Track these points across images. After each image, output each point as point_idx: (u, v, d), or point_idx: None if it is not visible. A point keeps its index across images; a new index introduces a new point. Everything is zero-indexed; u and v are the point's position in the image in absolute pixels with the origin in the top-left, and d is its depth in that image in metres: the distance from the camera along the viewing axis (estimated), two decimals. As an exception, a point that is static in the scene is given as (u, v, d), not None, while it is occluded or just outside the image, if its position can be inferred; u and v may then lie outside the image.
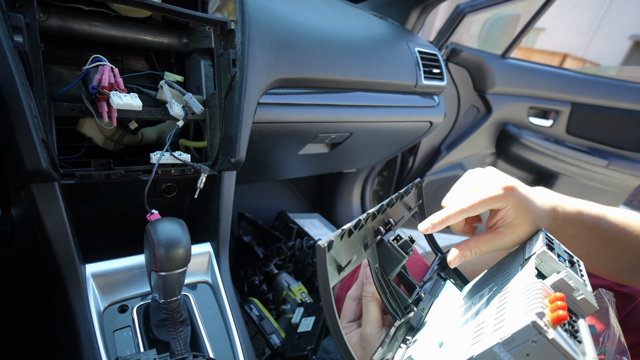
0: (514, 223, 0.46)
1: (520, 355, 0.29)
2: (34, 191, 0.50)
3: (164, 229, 0.49)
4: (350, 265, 0.39)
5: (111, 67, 0.56)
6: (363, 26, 1.07)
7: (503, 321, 0.33)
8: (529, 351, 0.29)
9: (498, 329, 0.32)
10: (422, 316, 0.46)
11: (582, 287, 0.36)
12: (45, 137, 0.49)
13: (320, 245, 0.33)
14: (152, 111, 0.62)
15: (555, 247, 0.42)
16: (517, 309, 0.32)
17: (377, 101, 1.05)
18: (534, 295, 0.32)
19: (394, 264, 0.45)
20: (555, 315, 0.29)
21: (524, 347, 0.29)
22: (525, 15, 1.62)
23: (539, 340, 0.28)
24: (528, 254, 0.42)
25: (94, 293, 0.57)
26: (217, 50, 0.68)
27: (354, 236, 0.40)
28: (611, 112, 1.72)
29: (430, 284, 0.54)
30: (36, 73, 0.50)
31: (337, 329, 0.34)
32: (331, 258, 0.35)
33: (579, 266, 0.41)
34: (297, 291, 1.16)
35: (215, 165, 0.70)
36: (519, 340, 0.29)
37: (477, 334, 0.35)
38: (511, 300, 0.35)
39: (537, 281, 0.35)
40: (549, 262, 0.39)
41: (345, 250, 0.38)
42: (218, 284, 0.67)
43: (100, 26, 0.62)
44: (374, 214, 0.44)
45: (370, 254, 0.44)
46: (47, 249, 0.53)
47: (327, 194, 1.81)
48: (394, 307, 0.45)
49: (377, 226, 0.46)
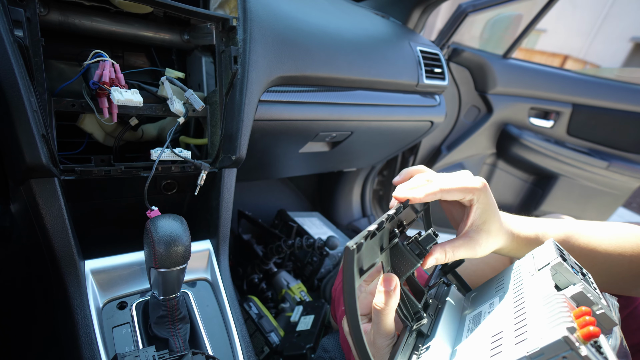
0: (483, 229, 0.48)
1: None
2: (34, 186, 0.50)
3: (164, 226, 0.49)
4: (371, 268, 0.38)
5: (112, 62, 0.55)
6: (365, 25, 1.07)
7: (526, 333, 0.32)
8: None
9: (521, 341, 0.31)
10: (432, 322, 0.45)
11: (599, 300, 0.35)
12: (45, 132, 0.49)
13: (349, 247, 0.32)
14: (153, 107, 0.62)
15: (567, 257, 0.41)
16: (542, 322, 0.32)
17: (378, 100, 1.05)
18: (559, 309, 0.31)
19: (406, 269, 0.44)
20: (587, 331, 0.28)
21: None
22: (527, 16, 1.62)
23: (570, 356, 0.27)
24: (540, 264, 0.41)
25: (93, 289, 0.57)
26: (219, 47, 0.67)
27: (375, 238, 0.39)
28: (612, 114, 1.72)
29: (434, 290, 0.53)
30: (37, 68, 0.50)
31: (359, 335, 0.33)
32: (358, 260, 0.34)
33: (589, 278, 0.41)
34: (296, 290, 1.15)
35: (216, 163, 0.69)
36: (549, 355, 0.28)
37: (495, 345, 0.34)
38: (531, 311, 0.34)
39: (559, 293, 0.34)
40: (564, 274, 0.38)
41: (367, 253, 0.37)
42: (217, 282, 0.67)
43: (101, 22, 0.62)
44: (392, 215, 0.43)
45: (384, 257, 0.43)
46: (46, 245, 0.53)
47: (327, 192, 1.81)
48: (405, 312, 0.44)
49: (392, 228, 0.45)
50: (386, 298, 0.39)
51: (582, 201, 1.90)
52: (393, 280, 0.40)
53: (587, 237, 0.54)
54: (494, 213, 0.48)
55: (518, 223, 0.53)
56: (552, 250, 0.42)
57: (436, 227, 0.53)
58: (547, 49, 11.56)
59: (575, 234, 0.54)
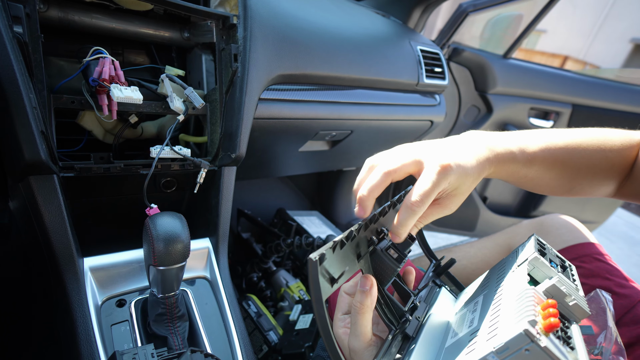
0: (453, 194, 0.45)
1: None
2: (33, 183, 0.50)
3: (164, 224, 0.49)
4: (343, 276, 0.38)
5: (112, 59, 0.55)
6: (366, 24, 1.07)
7: (496, 329, 0.33)
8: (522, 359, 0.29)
9: (491, 337, 0.32)
10: (418, 325, 0.46)
11: (575, 292, 0.36)
12: (44, 129, 0.49)
13: (312, 259, 0.32)
14: (153, 105, 0.62)
15: (547, 252, 0.42)
16: (510, 317, 0.33)
17: (378, 99, 1.04)
18: (526, 303, 0.33)
19: (388, 274, 0.45)
20: (547, 322, 0.29)
21: (517, 356, 0.29)
22: (527, 16, 1.62)
23: (532, 348, 0.29)
24: (521, 260, 0.42)
25: (92, 287, 0.57)
26: (219, 44, 0.67)
27: (347, 247, 0.39)
28: (611, 114, 1.72)
29: (425, 292, 0.53)
30: (36, 64, 0.50)
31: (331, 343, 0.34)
32: (324, 270, 0.34)
33: (570, 271, 0.41)
34: (295, 288, 1.16)
35: (216, 161, 0.69)
36: (512, 349, 0.30)
37: (471, 343, 0.35)
38: (504, 307, 0.35)
39: (529, 288, 0.35)
40: (541, 268, 0.39)
41: (338, 262, 0.37)
42: (216, 280, 0.66)
43: (101, 18, 0.62)
44: (366, 223, 0.43)
45: (363, 264, 0.44)
46: (45, 242, 0.53)
47: (327, 191, 1.81)
48: (389, 316, 0.45)
49: (370, 236, 0.45)
50: (361, 297, 0.40)
51: (582, 202, 1.90)
52: (369, 281, 0.40)
53: (565, 141, 0.54)
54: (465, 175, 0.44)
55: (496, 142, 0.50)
56: (531, 245, 0.43)
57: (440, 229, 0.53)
58: (547, 49, 11.57)
59: (555, 140, 0.54)
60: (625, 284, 0.64)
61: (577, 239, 0.72)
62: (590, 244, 0.71)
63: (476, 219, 1.88)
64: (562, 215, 0.79)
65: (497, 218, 1.90)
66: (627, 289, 0.62)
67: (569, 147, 0.54)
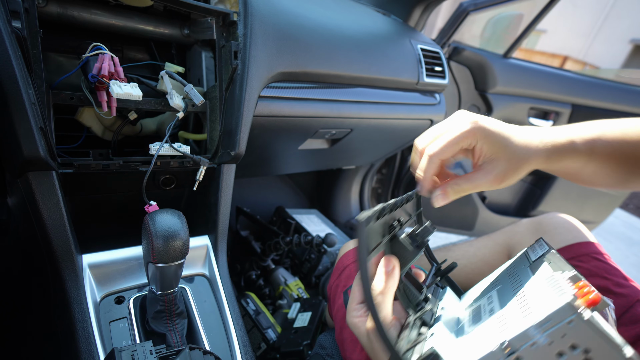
0: (492, 157, 0.45)
1: (556, 336, 0.29)
2: (31, 180, 0.50)
3: (163, 221, 0.49)
4: (374, 251, 0.39)
5: (111, 55, 0.55)
6: (366, 22, 1.06)
7: (530, 308, 0.33)
8: (565, 332, 0.29)
9: (527, 314, 0.32)
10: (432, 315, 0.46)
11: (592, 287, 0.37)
12: (43, 125, 0.48)
13: (360, 219, 0.34)
14: (152, 102, 0.62)
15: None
16: (545, 296, 0.33)
17: (378, 98, 1.04)
18: (561, 284, 0.33)
19: (407, 260, 0.45)
20: (588, 298, 0.30)
21: (560, 328, 0.29)
22: (528, 15, 1.62)
23: (575, 320, 0.29)
24: (534, 257, 0.43)
25: (91, 283, 0.56)
26: (219, 41, 0.67)
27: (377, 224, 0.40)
28: (611, 115, 1.72)
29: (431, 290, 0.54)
30: (35, 59, 0.49)
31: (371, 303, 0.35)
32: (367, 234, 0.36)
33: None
34: (293, 287, 1.16)
35: (215, 158, 0.69)
36: (555, 321, 0.30)
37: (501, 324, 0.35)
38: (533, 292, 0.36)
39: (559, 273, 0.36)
40: (558, 263, 0.40)
41: (372, 235, 0.38)
42: (215, 277, 0.66)
43: (100, 14, 0.61)
44: (392, 207, 0.43)
45: (384, 247, 0.44)
46: (43, 239, 0.53)
47: (326, 190, 1.81)
48: (408, 302, 0.45)
49: (390, 221, 0.45)
50: (385, 278, 0.39)
51: (580, 202, 1.90)
52: (392, 261, 0.40)
53: (620, 130, 0.51)
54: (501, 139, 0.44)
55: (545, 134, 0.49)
56: (542, 244, 0.44)
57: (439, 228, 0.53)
58: (547, 49, 11.57)
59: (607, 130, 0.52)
60: (623, 284, 0.64)
61: (576, 238, 0.72)
62: (589, 243, 0.71)
63: (475, 218, 1.88)
64: (561, 215, 0.79)
65: (496, 217, 1.90)
66: (625, 289, 0.62)
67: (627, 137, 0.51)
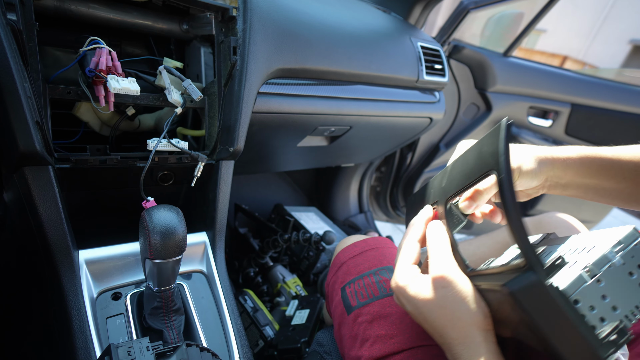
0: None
1: (627, 257, 0.35)
2: (28, 174, 0.49)
3: (160, 217, 0.49)
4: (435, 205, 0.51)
5: (109, 50, 0.55)
6: (366, 19, 1.06)
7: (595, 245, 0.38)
8: (634, 253, 0.35)
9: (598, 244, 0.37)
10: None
11: None
12: (39, 119, 0.48)
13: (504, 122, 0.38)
14: (150, 97, 0.61)
15: None
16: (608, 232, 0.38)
17: (377, 95, 1.04)
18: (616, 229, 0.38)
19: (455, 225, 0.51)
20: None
21: (631, 250, 0.35)
22: (528, 14, 1.61)
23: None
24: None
25: (87, 279, 0.56)
26: (218, 37, 0.67)
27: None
28: (610, 114, 1.72)
29: None
30: (30, 53, 0.49)
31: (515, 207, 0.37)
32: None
33: None
34: (292, 284, 1.15)
35: (213, 154, 0.69)
36: (626, 243, 0.36)
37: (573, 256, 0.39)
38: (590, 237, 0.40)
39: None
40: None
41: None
42: (213, 274, 0.66)
43: (98, 8, 0.61)
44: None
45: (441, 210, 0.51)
46: (40, 234, 0.53)
47: (325, 188, 1.81)
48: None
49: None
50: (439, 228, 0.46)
51: (578, 201, 1.91)
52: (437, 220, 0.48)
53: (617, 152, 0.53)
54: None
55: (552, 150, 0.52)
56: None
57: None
58: (546, 49, 11.57)
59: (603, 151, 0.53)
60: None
61: (575, 237, 0.72)
62: (587, 242, 0.71)
63: (473, 217, 1.88)
64: (560, 214, 0.79)
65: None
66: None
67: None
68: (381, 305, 0.56)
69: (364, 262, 0.63)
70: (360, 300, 0.58)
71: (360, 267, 0.63)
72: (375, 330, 0.53)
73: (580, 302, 0.34)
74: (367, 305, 0.56)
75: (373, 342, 0.52)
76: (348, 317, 0.58)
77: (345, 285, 0.62)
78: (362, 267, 0.62)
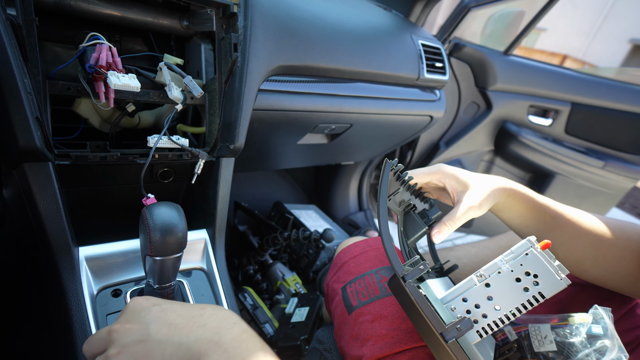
0: (462, 190, 0.56)
1: (516, 265, 0.42)
2: (27, 171, 0.49)
3: (161, 213, 0.48)
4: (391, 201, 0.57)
5: (109, 46, 0.54)
6: (367, 16, 1.05)
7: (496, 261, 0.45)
8: (523, 262, 0.42)
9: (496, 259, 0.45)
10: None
11: None
12: (39, 115, 0.48)
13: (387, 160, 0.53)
14: (151, 94, 0.61)
15: None
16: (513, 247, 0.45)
17: (378, 93, 1.04)
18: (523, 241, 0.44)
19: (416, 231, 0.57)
20: (543, 242, 0.42)
21: (520, 259, 0.42)
22: (529, 13, 1.61)
23: (530, 252, 0.42)
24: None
25: (87, 276, 0.56)
26: (219, 34, 0.66)
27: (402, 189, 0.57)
28: (610, 114, 1.72)
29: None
30: (30, 48, 0.48)
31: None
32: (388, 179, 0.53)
33: None
34: (291, 281, 1.15)
35: (214, 152, 0.68)
36: (516, 254, 0.43)
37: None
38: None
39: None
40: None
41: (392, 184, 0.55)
42: (213, 271, 0.66)
43: (98, 4, 0.60)
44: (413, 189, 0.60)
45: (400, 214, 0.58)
46: (39, 230, 0.52)
47: (324, 185, 1.81)
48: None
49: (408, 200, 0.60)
50: None
51: (577, 200, 1.91)
52: None
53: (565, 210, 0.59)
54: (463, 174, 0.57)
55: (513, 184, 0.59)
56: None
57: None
58: (546, 48, 11.56)
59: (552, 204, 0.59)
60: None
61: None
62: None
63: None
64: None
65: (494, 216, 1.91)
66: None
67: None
68: (382, 304, 0.56)
69: (365, 262, 0.63)
70: (362, 300, 0.58)
71: (362, 266, 0.63)
72: (377, 329, 0.53)
73: (467, 300, 0.43)
74: (368, 304, 0.56)
75: (374, 341, 0.52)
76: (349, 317, 0.58)
77: (346, 285, 0.62)
78: (363, 266, 0.63)
